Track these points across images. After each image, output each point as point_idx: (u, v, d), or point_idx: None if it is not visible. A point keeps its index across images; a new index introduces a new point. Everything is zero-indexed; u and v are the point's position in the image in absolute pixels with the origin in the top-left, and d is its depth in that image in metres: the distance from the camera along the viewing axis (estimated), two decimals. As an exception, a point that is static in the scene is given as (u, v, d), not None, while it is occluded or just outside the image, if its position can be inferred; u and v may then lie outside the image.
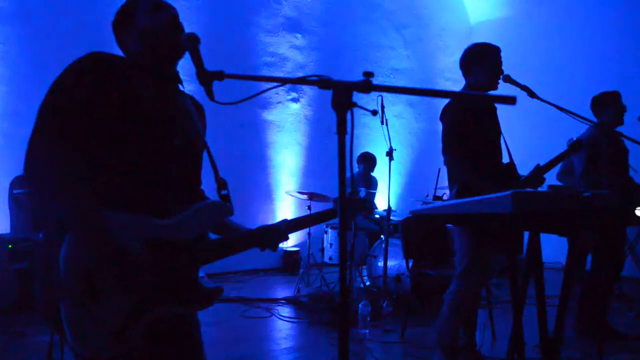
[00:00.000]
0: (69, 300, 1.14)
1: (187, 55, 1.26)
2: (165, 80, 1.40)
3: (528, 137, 6.64)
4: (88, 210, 1.15)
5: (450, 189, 2.74)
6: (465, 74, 2.77)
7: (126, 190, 1.26)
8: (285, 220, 1.50)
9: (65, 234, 1.16)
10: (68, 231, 1.16)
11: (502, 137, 2.76)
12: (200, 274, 1.39)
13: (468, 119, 2.58)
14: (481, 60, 2.68)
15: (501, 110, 2.68)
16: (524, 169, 2.78)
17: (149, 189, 1.29)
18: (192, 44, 1.25)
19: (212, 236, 1.43)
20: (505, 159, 2.77)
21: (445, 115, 2.67)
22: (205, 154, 1.49)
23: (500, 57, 2.70)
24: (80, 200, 1.15)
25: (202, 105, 1.56)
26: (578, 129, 3.57)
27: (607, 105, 3.49)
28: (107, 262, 1.16)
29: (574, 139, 2.93)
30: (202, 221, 1.33)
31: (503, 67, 2.69)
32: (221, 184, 1.44)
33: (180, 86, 1.45)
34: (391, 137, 4.38)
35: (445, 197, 5.58)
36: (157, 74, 1.37)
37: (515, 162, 2.71)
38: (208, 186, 1.56)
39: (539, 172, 2.54)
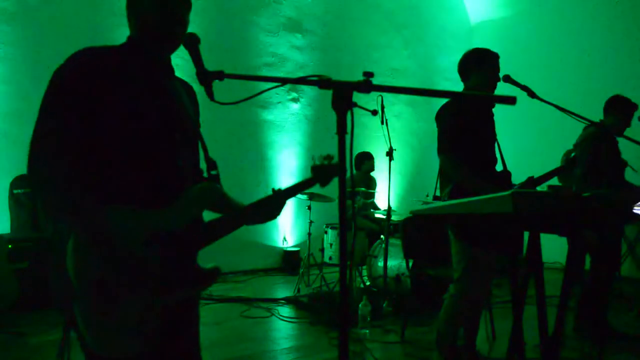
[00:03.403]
0: (85, 305, 1.16)
1: (187, 55, 1.25)
2: (159, 69, 1.37)
3: (528, 137, 6.65)
4: (94, 222, 1.16)
5: (442, 189, 2.72)
6: (463, 79, 2.75)
7: (134, 189, 1.25)
8: (279, 190, 1.49)
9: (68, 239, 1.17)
10: (71, 237, 1.17)
11: (496, 144, 2.75)
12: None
13: (464, 120, 2.56)
14: (480, 66, 2.66)
15: (501, 110, 2.67)
16: (523, 169, 2.78)
17: (157, 186, 1.29)
18: (192, 44, 1.25)
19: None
20: (499, 165, 2.75)
21: (440, 116, 2.66)
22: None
23: (498, 64, 2.68)
24: (86, 214, 1.16)
25: (192, 87, 1.54)
26: (578, 129, 3.57)
27: (617, 111, 3.53)
28: (115, 266, 1.17)
29: (571, 155, 2.92)
30: (192, 208, 1.32)
31: (503, 67, 2.69)
32: (211, 164, 1.42)
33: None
34: (391, 137, 4.37)
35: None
36: (151, 63, 1.34)
37: (515, 161, 2.70)
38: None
39: (531, 185, 2.52)
